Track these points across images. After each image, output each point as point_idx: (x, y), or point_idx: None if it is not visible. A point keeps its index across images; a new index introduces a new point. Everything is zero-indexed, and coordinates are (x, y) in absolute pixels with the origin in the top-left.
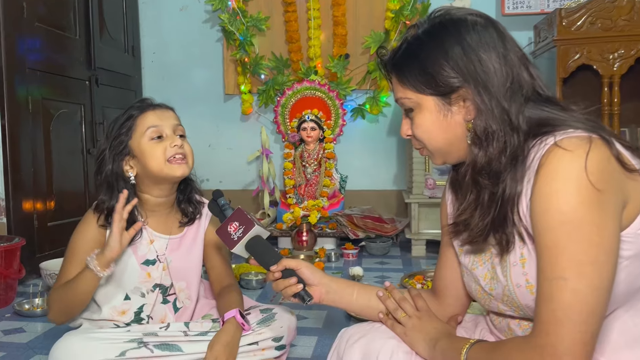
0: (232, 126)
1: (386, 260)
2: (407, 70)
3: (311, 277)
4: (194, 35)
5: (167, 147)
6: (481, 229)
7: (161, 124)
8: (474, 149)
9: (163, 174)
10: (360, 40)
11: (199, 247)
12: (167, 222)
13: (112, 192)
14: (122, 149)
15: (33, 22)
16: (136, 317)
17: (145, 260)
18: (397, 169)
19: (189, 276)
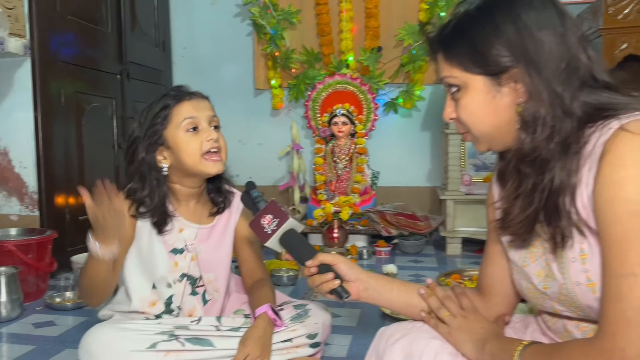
0: (262, 121)
1: (420, 259)
2: (455, 48)
3: (348, 273)
4: (225, 29)
5: (202, 141)
6: (522, 220)
7: (197, 115)
8: (522, 134)
9: (197, 170)
10: (393, 32)
11: (229, 240)
12: (197, 211)
13: (144, 182)
14: (157, 139)
15: (65, 15)
16: (167, 308)
17: (173, 249)
18: (431, 165)
19: (217, 268)
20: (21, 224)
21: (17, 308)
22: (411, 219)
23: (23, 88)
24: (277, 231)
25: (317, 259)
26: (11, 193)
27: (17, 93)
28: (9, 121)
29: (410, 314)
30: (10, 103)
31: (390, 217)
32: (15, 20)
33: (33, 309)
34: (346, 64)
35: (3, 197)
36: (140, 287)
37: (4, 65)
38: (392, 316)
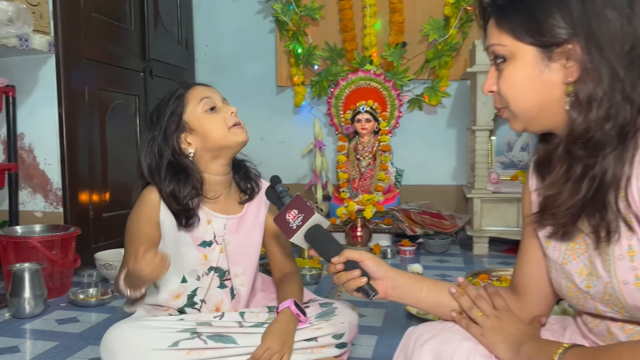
0: (285, 119)
1: (446, 259)
2: (510, 13)
3: (376, 270)
4: (247, 26)
5: (225, 116)
6: (569, 207)
7: (212, 96)
8: (573, 113)
9: (227, 142)
10: (418, 27)
11: (258, 232)
12: (226, 202)
13: (179, 176)
14: (178, 126)
15: (89, 12)
16: (189, 300)
17: (202, 242)
18: (457, 162)
19: (245, 261)
20: (46, 220)
21: (40, 304)
22: (436, 217)
23: (48, 85)
24: (302, 227)
25: (344, 255)
26: (36, 190)
27: (41, 90)
28: (34, 118)
29: (440, 314)
30: (35, 100)
31: (415, 216)
32: (39, 17)
33: (57, 305)
34: (370, 60)
35: (28, 194)
36: (170, 280)
37: (29, 62)
38: (418, 316)
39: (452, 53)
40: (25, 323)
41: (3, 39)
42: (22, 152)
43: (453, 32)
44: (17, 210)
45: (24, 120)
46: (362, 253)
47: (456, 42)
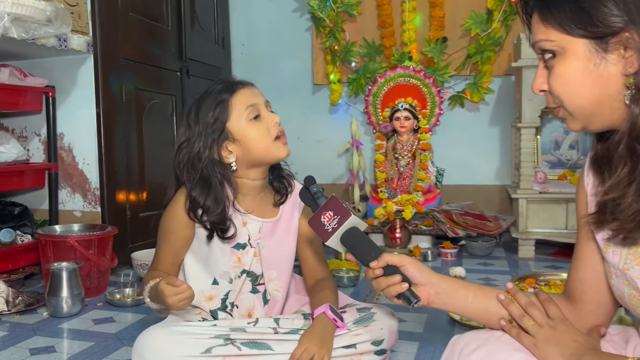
0: (321, 118)
1: (489, 262)
2: (555, 5)
3: (418, 276)
4: (283, 24)
5: (269, 127)
6: (635, 211)
7: (256, 102)
8: (634, 107)
9: (269, 157)
10: (459, 22)
11: (292, 236)
12: (261, 205)
13: (210, 187)
14: (220, 135)
15: (127, 12)
16: (222, 304)
17: (236, 244)
18: (501, 161)
19: (280, 266)
20: (84, 219)
21: (78, 304)
22: (479, 219)
23: (86, 85)
24: (338, 229)
25: (383, 259)
26: (75, 189)
27: (80, 90)
28: (73, 118)
29: (487, 322)
30: (74, 100)
31: (456, 217)
32: (78, 18)
33: (94, 304)
34: (409, 56)
35: (68, 193)
36: (201, 281)
37: (68, 62)
38: (462, 322)
39: (495, 48)
40: (63, 322)
41: (42, 39)
42: (61, 152)
43: (496, 26)
44: (57, 210)
45: (63, 120)
46: (402, 257)
47: (499, 37)
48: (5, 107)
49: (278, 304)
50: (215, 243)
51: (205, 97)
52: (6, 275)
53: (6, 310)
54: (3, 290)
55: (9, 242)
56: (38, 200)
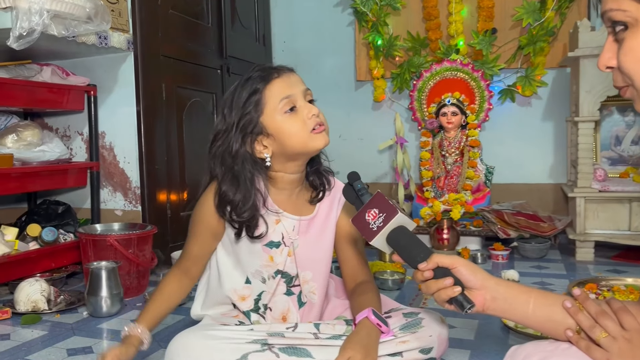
0: (364, 115)
1: (544, 264)
2: None
3: (472, 279)
4: (325, 20)
5: (305, 120)
6: None
7: (292, 93)
8: None
9: (306, 149)
10: (510, 12)
11: (329, 234)
12: (297, 201)
13: (239, 183)
14: (253, 129)
15: (167, 9)
16: (255, 304)
17: (269, 242)
18: (555, 158)
19: (316, 266)
20: (125, 218)
21: (117, 303)
22: (533, 219)
23: (127, 83)
24: (383, 228)
25: (433, 260)
26: (116, 188)
27: (121, 88)
28: (114, 117)
29: (551, 332)
30: (115, 98)
31: (508, 217)
32: (118, 15)
33: (133, 304)
34: (456, 49)
35: (109, 192)
36: (234, 279)
37: (108, 61)
38: (517, 330)
39: (548, 38)
40: (102, 322)
41: (82, 36)
42: (103, 151)
43: (550, 15)
44: (98, 209)
45: (104, 119)
46: (454, 258)
47: (553, 26)
48: (50, 106)
49: (315, 308)
50: (243, 241)
51: (241, 85)
52: (49, 274)
53: (47, 309)
54: (44, 289)
55: (52, 240)
56: (81, 199)
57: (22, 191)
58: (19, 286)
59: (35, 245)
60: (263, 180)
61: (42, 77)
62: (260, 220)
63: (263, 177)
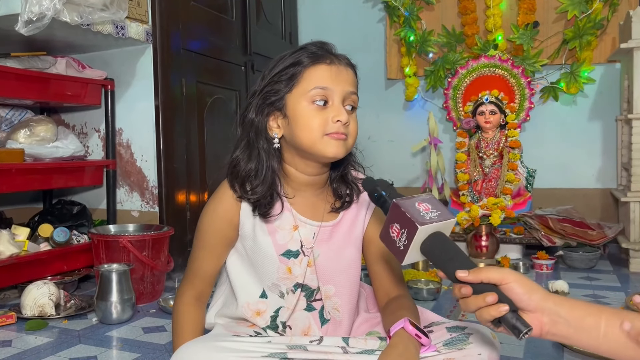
0: (394, 115)
1: (594, 275)
2: None
3: (526, 299)
4: (354, 17)
5: (328, 121)
6: None
7: (331, 88)
8: None
9: (313, 149)
10: (553, 4)
11: (355, 244)
12: (317, 205)
13: (251, 152)
14: (275, 101)
15: (189, 1)
16: (272, 322)
17: (287, 251)
18: (603, 161)
19: (339, 279)
20: (142, 219)
21: (128, 309)
22: (580, 226)
23: (145, 77)
24: (410, 246)
25: (476, 274)
26: (133, 188)
27: (139, 82)
28: (132, 113)
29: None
30: (133, 94)
31: (553, 224)
32: (137, 5)
33: (147, 311)
34: (494, 44)
35: (126, 192)
36: (247, 291)
37: (126, 54)
38: (572, 347)
39: (596, 31)
40: (111, 329)
41: (97, 25)
42: (120, 149)
43: (598, 6)
44: (114, 209)
45: (122, 115)
46: (504, 272)
47: (602, 18)
48: (64, 100)
49: (341, 327)
50: (261, 248)
51: (291, 53)
52: (60, 277)
53: (54, 315)
54: (53, 293)
55: (64, 242)
56: (97, 199)
57: (32, 188)
58: (26, 289)
59: (47, 246)
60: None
61: (57, 69)
62: (277, 202)
63: (277, 165)
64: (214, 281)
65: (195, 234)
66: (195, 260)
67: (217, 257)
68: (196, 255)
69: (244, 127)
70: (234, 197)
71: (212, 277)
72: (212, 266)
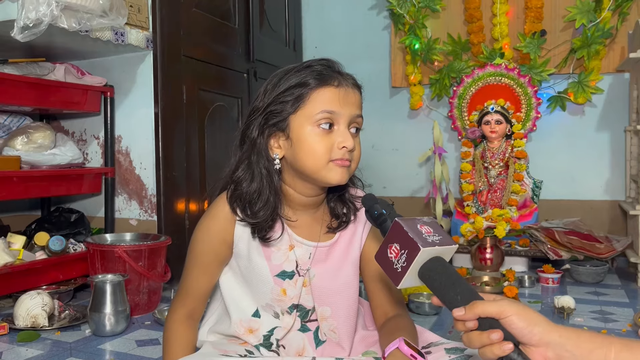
0: (399, 124)
1: (601, 290)
2: None
3: (527, 333)
4: (359, 24)
5: (333, 147)
6: None
7: (339, 112)
8: None
9: (316, 175)
10: (561, 12)
11: (352, 263)
12: (314, 224)
13: (253, 173)
14: (278, 121)
15: (190, 7)
16: (265, 341)
17: (281, 272)
18: (611, 172)
19: (336, 301)
20: (141, 228)
21: (122, 321)
22: (587, 239)
23: (145, 84)
24: (408, 268)
25: (472, 309)
26: (131, 196)
27: (139, 89)
28: (131, 120)
29: None
30: (133, 101)
31: (560, 237)
32: (137, 11)
33: (141, 323)
34: (500, 53)
35: (124, 200)
36: (240, 308)
37: (126, 60)
38: None
39: (604, 40)
40: (104, 342)
41: (96, 31)
42: (119, 156)
43: (607, 15)
44: (112, 218)
45: (121, 122)
46: (503, 305)
47: (611, 27)
48: (62, 107)
49: (340, 348)
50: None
51: (296, 70)
52: (55, 287)
53: (47, 326)
54: (46, 304)
55: (59, 250)
56: (95, 207)
57: (28, 196)
58: (19, 299)
59: (43, 255)
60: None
61: (55, 76)
62: (277, 223)
63: (276, 185)
64: (206, 299)
65: (188, 251)
66: (187, 278)
67: (210, 275)
68: (188, 273)
69: (245, 145)
70: (229, 215)
71: (205, 295)
72: (204, 284)
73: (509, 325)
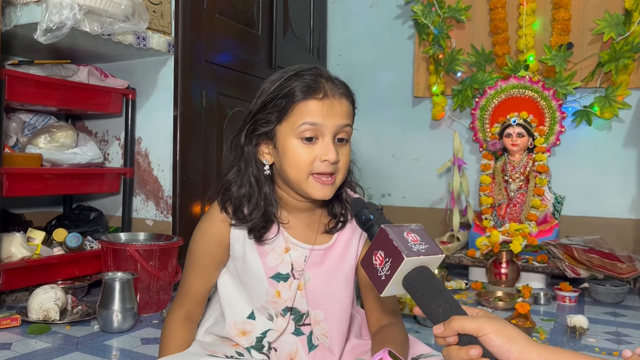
0: (420, 134)
1: (620, 312)
2: None
3: (504, 350)
4: (383, 33)
5: (316, 159)
6: None
7: (322, 123)
8: None
9: (298, 188)
10: (589, 25)
11: (348, 269)
12: (310, 227)
13: (242, 177)
14: (266, 131)
15: (213, 13)
16: (257, 343)
17: (276, 274)
18: (638, 190)
19: (329, 305)
20: (156, 229)
21: (130, 319)
22: (608, 258)
23: (166, 88)
24: (392, 277)
25: (450, 326)
26: (149, 197)
27: (160, 93)
28: (151, 122)
29: None
30: (153, 103)
31: (579, 254)
32: (160, 17)
33: (149, 321)
34: (525, 65)
35: (141, 201)
36: (235, 310)
37: (148, 64)
38: None
39: (633, 55)
40: (111, 338)
41: (118, 35)
42: (138, 157)
43: (636, 29)
44: (130, 217)
45: (141, 124)
46: (482, 322)
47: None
48: (85, 108)
49: (330, 354)
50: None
51: (286, 78)
52: (71, 282)
53: (58, 320)
54: (59, 298)
55: (76, 247)
56: (114, 206)
57: (47, 193)
58: (33, 293)
59: (60, 250)
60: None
61: (79, 77)
62: (273, 225)
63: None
64: (204, 301)
65: (187, 254)
66: (186, 280)
67: (208, 277)
68: (187, 275)
69: (235, 150)
70: (224, 218)
71: (203, 297)
72: (202, 286)
73: (487, 342)
